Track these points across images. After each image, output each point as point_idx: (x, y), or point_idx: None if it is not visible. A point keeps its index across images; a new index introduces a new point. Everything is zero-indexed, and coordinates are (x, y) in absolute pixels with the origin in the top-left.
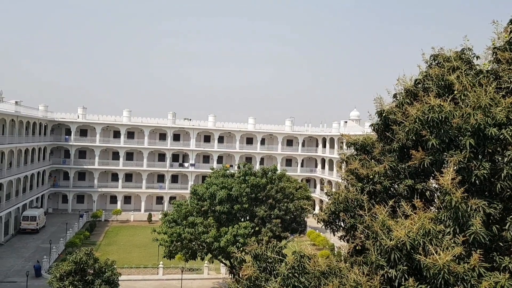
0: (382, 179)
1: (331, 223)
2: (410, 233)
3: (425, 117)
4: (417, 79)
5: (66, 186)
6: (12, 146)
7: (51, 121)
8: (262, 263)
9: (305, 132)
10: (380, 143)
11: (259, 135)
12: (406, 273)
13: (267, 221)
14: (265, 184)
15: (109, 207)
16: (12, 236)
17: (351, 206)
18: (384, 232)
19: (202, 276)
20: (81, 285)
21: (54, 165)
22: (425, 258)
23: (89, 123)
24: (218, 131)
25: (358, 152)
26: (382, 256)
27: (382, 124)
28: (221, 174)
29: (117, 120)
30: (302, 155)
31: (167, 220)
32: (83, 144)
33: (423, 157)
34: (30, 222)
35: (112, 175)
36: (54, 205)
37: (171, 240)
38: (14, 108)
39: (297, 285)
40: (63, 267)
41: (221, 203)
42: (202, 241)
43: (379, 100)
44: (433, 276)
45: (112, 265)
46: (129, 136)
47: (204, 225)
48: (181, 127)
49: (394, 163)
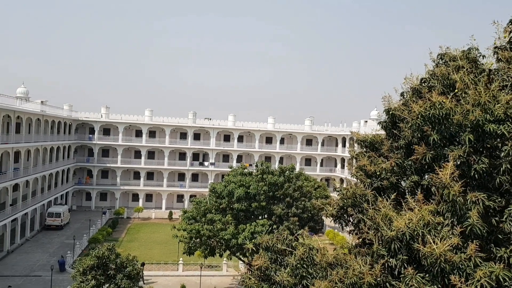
0: (388, 175)
1: (340, 218)
2: (410, 224)
3: (427, 114)
4: (423, 77)
5: (89, 184)
6: (38, 145)
7: (75, 120)
8: (273, 255)
9: (324, 132)
10: (388, 140)
11: (279, 135)
12: (406, 262)
13: (285, 219)
14: (283, 182)
15: (131, 205)
16: (38, 232)
17: (359, 201)
18: (385, 223)
19: (221, 273)
20: (103, 279)
21: (78, 163)
22: (423, 247)
23: (112, 122)
24: (238, 130)
25: (367, 150)
26: (383, 246)
27: (390, 121)
28: (239, 172)
29: (139, 120)
30: (321, 154)
31: (186, 217)
32: (106, 143)
33: (425, 152)
34: (55, 219)
35: (134, 173)
36: (78, 202)
37: (190, 237)
38: (40, 108)
39: (305, 275)
40: (86, 262)
41: (239, 201)
42: (221, 238)
43: (387, 99)
44: (430, 265)
45: (133, 260)
46: (151, 135)
47: (222, 222)
48: (202, 127)
49: (401, 159)
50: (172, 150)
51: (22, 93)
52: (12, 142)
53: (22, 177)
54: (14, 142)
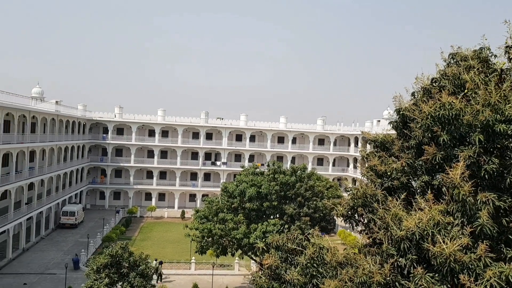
0: (399, 175)
1: (350, 218)
2: (420, 223)
3: (436, 114)
4: (434, 77)
5: (103, 183)
6: (53, 144)
7: (89, 120)
8: (283, 254)
9: (337, 131)
10: (399, 140)
11: (291, 134)
12: (415, 262)
13: (296, 219)
14: (294, 182)
15: (144, 204)
16: (52, 230)
17: (369, 201)
18: (395, 222)
19: (233, 272)
20: (116, 277)
21: (92, 163)
22: (433, 247)
23: (125, 122)
24: (250, 130)
25: (377, 149)
26: (393, 246)
27: (400, 121)
28: (251, 172)
29: (152, 119)
30: (333, 154)
31: (198, 216)
32: (120, 142)
33: (435, 153)
34: (69, 217)
35: (147, 172)
36: (92, 201)
37: (202, 236)
38: (55, 108)
39: (315, 275)
40: (100, 260)
41: (250, 200)
42: (232, 237)
43: (398, 98)
44: (440, 265)
45: (146, 259)
46: (164, 135)
47: (234, 221)
48: (214, 126)
49: (411, 159)
50: (184, 150)
51: (37, 93)
52: (27, 142)
53: (37, 176)
54: (29, 141)
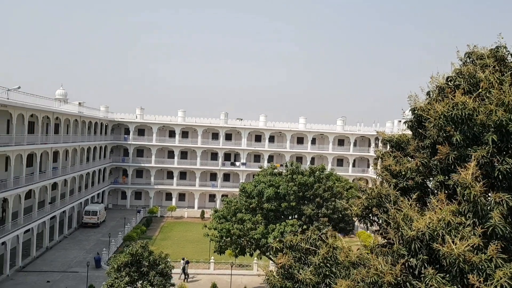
0: (414, 175)
1: (365, 218)
2: (431, 224)
3: (449, 114)
4: (449, 76)
5: (125, 183)
6: (76, 145)
7: (111, 121)
8: (297, 254)
9: (357, 132)
10: (415, 140)
11: (310, 135)
12: (426, 262)
13: (315, 220)
14: (313, 182)
15: (165, 204)
16: (75, 229)
17: (383, 201)
18: (406, 223)
19: (252, 272)
20: (136, 276)
21: (114, 163)
22: (442, 247)
23: (146, 123)
24: (269, 130)
25: (393, 149)
26: (404, 246)
27: (416, 121)
28: (269, 172)
29: (172, 120)
30: (353, 155)
31: (217, 216)
32: (141, 143)
33: (448, 152)
34: (92, 217)
35: (168, 173)
36: (114, 201)
37: (220, 236)
38: (78, 109)
39: (328, 274)
40: (121, 259)
41: (268, 200)
42: (251, 237)
43: (413, 98)
44: (449, 265)
45: (165, 258)
46: (184, 135)
47: (252, 221)
48: (233, 127)
49: (426, 159)
50: (204, 150)
51: (61, 95)
52: (51, 143)
53: (60, 176)
54: (53, 142)
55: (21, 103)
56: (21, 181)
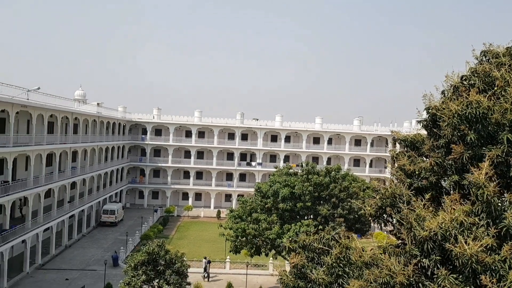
0: (428, 174)
1: (378, 218)
2: (443, 224)
3: (463, 113)
4: (464, 75)
5: (142, 183)
6: (94, 145)
7: (129, 121)
8: (310, 253)
9: (374, 132)
10: (429, 140)
11: (326, 135)
12: (439, 263)
13: (330, 220)
14: (328, 183)
15: (181, 203)
16: (93, 228)
17: (397, 201)
18: (418, 223)
19: (267, 272)
20: (153, 274)
21: (131, 163)
22: (454, 247)
23: (163, 123)
24: (285, 130)
25: (407, 149)
26: (416, 246)
27: (430, 120)
28: (284, 172)
29: (189, 121)
30: (370, 155)
31: (232, 216)
32: (158, 143)
33: (462, 152)
34: (109, 216)
35: (184, 172)
36: (131, 200)
37: (236, 235)
38: (96, 109)
39: (341, 274)
40: (137, 258)
41: (284, 200)
42: (266, 237)
43: (428, 97)
44: (462, 265)
45: (181, 257)
46: (200, 135)
47: (267, 221)
48: (249, 127)
49: (441, 159)
50: (220, 150)
51: (80, 95)
52: (70, 142)
53: (79, 176)
54: (72, 142)
55: (40, 103)
56: (40, 180)
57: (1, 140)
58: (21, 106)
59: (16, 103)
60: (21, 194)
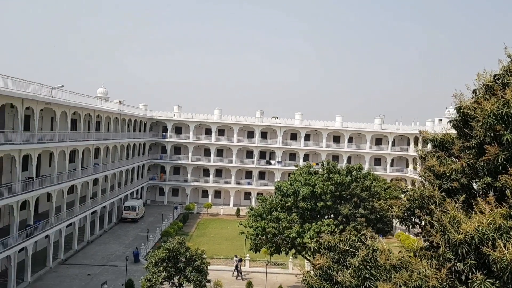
0: (459, 176)
1: (406, 220)
2: (480, 227)
3: (499, 112)
4: (497, 74)
5: (163, 180)
6: (116, 142)
7: (150, 119)
8: (335, 255)
9: (395, 131)
10: (460, 140)
11: (347, 133)
12: (474, 267)
13: (352, 220)
14: (350, 182)
15: (201, 201)
16: (115, 224)
17: (427, 203)
18: (453, 225)
19: (287, 271)
20: (173, 271)
21: (152, 160)
22: (493, 251)
23: (183, 121)
24: (305, 129)
25: (436, 149)
26: (450, 250)
27: (461, 120)
28: (304, 171)
29: (208, 119)
30: (392, 154)
31: (252, 214)
32: (178, 140)
33: (497, 153)
34: (131, 212)
35: (204, 170)
36: (152, 197)
37: (256, 234)
38: (118, 107)
39: (368, 277)
40: (158, 254)
41: (304, 199)
42: (286, 236)
43: (458, 96)
44: (500, 270)
45: (202, 254)
46: (220, 133)
47: (287, 220)
48: (269, 125)
49: (472, 160)
50: (239, 148)
51: (102, 93)
52: (92, 140)
53: (101, 172)
54: (94, 139)
55: (64, 101)
56: (64, 176)
57: (26, 137)
58: (45, 103)
59: (41, 101)
60: (45, 190)
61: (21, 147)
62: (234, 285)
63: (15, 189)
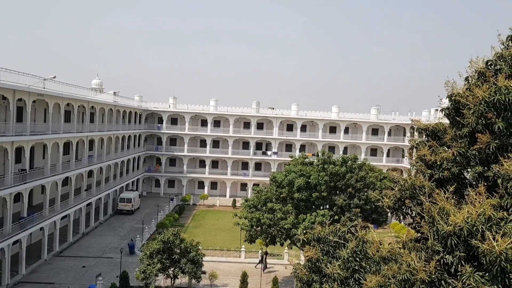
0: (450, 165)
1: (397, 210)
2: (469, 218)
3: (491, 99)
4: (489, 60)
5: (159, 171)
6: (111, 133)
7: (145, 110)
8: (325, 247)
9: (391, 121)
10: (452, 129)
11: (343, 124)
12: (463, 260)
13: (346, 210)
14: (345, 173)
15: (197, 192)
16: (110, 216)
17: (417, 193)
18: (442, 217)
19: (282, 261)
20: (168, 263)
21: (148, 151)
22: (482, 244)
23: (179, 112)
24: (301, 119)
25: (428, 139)
26: (439, 242)
27: (453, 108)
28: (299, 162)
29: (204, 110)
30: (388, 144)
31: (247, 206)
32: (174, 132)
33: (489, 141)
34: (126, 204)
35: (200, 161)
36: (148, 189)
37: (251, 225)
38: (112, 98)
39: (357, 269)
40: (153, 246)
41: (299, 190)
42: (281, 227)
43: (451, 84)
44: (489, 263)
45: (196, 246)
46: (215, 124)
47: (282, 211)
48: (265, 116)
49: (464, 149)
50: (235, 139)
51: (97, 84)
52: (86, 131)
53: (96, 164)
54: (88, 131)
55: (57, 92)
56: (58, 168)
57: (18, 129)
58: (37, 95)
59: (33, 92)
60: (38, 182)
61: (13, 139)
62: (229, 276)
63: (7, 181)
